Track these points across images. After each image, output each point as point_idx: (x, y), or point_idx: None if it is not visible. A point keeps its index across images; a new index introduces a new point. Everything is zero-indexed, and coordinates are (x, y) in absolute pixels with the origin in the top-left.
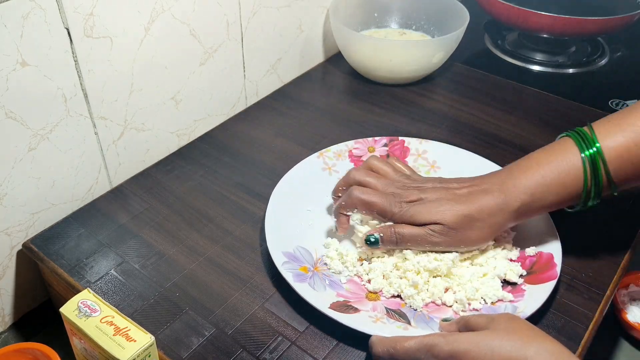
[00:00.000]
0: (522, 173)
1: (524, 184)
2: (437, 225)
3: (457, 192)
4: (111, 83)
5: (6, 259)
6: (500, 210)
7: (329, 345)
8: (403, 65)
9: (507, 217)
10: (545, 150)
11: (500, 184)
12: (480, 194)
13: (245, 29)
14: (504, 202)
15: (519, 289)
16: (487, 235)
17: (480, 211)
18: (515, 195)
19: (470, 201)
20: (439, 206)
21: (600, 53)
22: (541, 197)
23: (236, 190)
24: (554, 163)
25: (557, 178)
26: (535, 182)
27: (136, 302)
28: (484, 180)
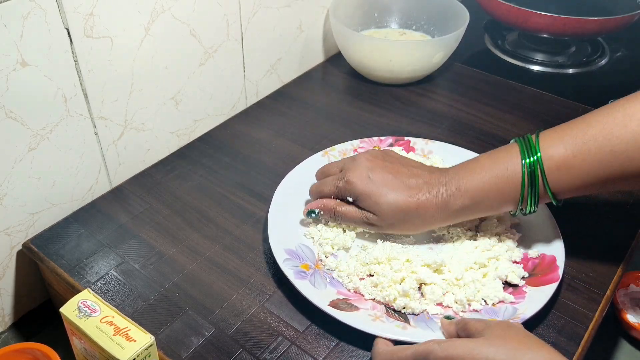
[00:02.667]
0: (467, 175)
1: (465, 187)
2: (374, 216)
3: (404, 182)
4: (111, 83)
5: (6, 259)
6: (438, 210)
7: (329, 345)
8: (403, 65)
9: (443, 216)
10: (492, 154)
11: (446, 182)
12: (425, 189)
13: (245, 29)
14: (444, 202)
15: (520, 291)
16: (419, 229)
17: (419, 208)
18: (455, 197)
19: (412, 194)
20: (381, 196)
21: (600, 53)
22: (479, 201)
23: (236, 190)
24: (496, 168)
25: (496, 184)
26: (476, 186)
27: (136, 302)
28: (433, 175)
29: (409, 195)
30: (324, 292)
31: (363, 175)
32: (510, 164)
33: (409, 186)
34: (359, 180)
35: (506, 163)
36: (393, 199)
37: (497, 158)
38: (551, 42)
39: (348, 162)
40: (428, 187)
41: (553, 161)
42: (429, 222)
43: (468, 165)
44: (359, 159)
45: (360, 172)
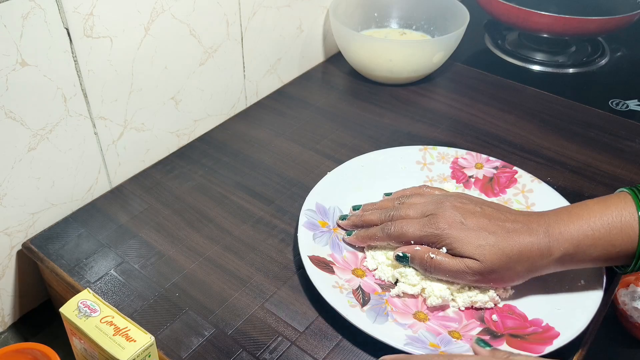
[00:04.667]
0: (571, 221)
1: (570, 233)
2: (475, 262)
3: (500, 225)
4: (111, 83)
5: (6, 259)
6: (541, 256)
7: (329, 345)
8: (403, 65)
9: (546, 263)
10: (600, 202)
11: (547, 226)
12: (525, 233)
13: (245, 29)
14: (547, 248)
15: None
16: (522, 278)
17: (521, 253)
18: (559, 243)
19: (513, 239)
20: (479, 239)
21: (600, 53)
22: (586, 250)
23: (236, 190)
24: (606, 217)
25: (607, 234)
26: (583, 233)
27: (136, 302)
28: (531, 219)
29: (511, 242)
30: (317, 247)
31: (456, 220)
32: (623, 213)
33: (508, 230)
34: (452, 226)
35: (619, 212)
36: (494, 242)
37: (606, 206)
38: (551, 42)
39: (431, 206)
40: (528, 232)
41: None
42: (532, 270)
43: (571, 210)
44: (445, 204)
45: (452, 217)
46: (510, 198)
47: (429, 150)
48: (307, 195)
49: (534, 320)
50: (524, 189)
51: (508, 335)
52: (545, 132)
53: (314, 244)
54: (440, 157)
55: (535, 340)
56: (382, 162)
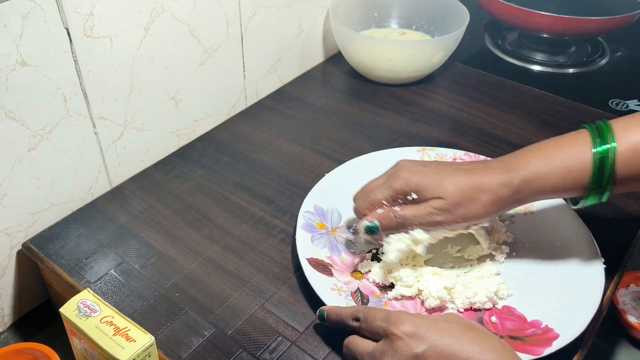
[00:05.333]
0: (529, 153)
1: (527, 162)
2: (439, 200)
3: (457, 166)
4: (111, 83)
5: (6, 259)
6: (502, 185)
7: (329, 346)
8: (403, 65)
9: (507, 193)
10: (558, 138)
11: (504, 161)
12: (483, 168)
13: (245, 29)
14: (506, 177)
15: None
16: (489, 210)
17: (482, 184)
18: (517, 172)
19: (471, 174)
20: (440, 179)
21: (600, 53)
22: (544, 177)
23: (236, 190)
24: (563, 149)
25: (563, 162)
26: (540, 162)
27: (136, 302)
28: (488, 160)
29: (470, 176)
30: (314, 249)
31: (414, 170)
32: (580, 146)
33: (466, 170)
34: (412, 174)
35: (576, 145)
36: (455, 178)
37: (564, 140)
38: (551, 42)
39: (392, 169)
40: (485, 168)
41: (630, 145)
42: (496, 201)
43: (530, 147)
44: (403, 162)
45: (412, 166)
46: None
47: (427, 151)
48: (304, 197)
49: (533, 321)
50: None
51: (507, 337)
52: (545, 132)
53: (312, 246)
54: (438, 158)
55: (534, 341)
56: (380, 163)
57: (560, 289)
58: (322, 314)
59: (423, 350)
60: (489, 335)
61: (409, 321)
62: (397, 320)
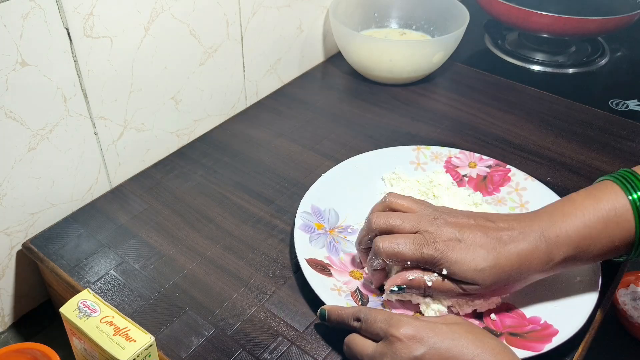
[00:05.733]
0: (565, 221)
1: (567, 235)
2: (473, 287)
3: (496, 237)
4: (111, 83)
5: (6, 259)
6: (540, 262)
7: (329, 345)
8: (403, 65)
9: (546, 269)
10: (590, 196)
11: (542, 230)
12: (521, 239)
13: (245, 29)
14: (546, 254)
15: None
16: (523, 284)
17: (521, 265)
18: (558, 247)
19: (510, 251)
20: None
21: (600, 53)
22: (586, 249)
23: (236, 190)
24: (600, 211)
25: (604, 229)
26: (581, 234)
27: (136, 302)
28: (524, 224)
29: (506, 251)
30: (313, 250)
31: (452, 238)
32: (618, 204)
33: (505, 242)
34: (450, 246)
35: (613, 203)
36: (493, 262)
37: (598, 199)
38: (551, 42)
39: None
40: (523, 238)
41: None
42: (528, 279)
43: (565, 209)
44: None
45: (449, 235)
46: (504, 196)
47: (422, 150)
48: (302, 198)
49: (532, 318)
50: (518, 187)
51: (507, 334)
52: (545, 132)
53: (310, 247)
54: (433, 156)
55: (534, 338)
56: (376, 162)
57: (558, 285)
58: (323, 313)
59: (422, 353)
60: (489, 337)
61: (409, 324)
62: (397, 323)
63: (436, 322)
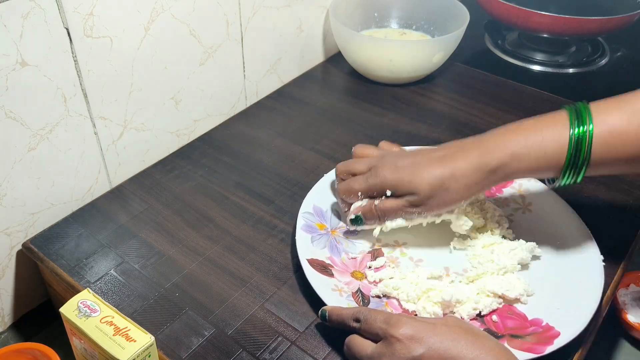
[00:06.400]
0: (505, 134)
1: (504, 144)
2: (413, 196)
3: (433, 155)
4: (111, 83)
5: (6, 259)
6: (476, 170)
7: (329, 345)
8: (403, 65)
9: (482, 176)
10: (536, 118)
11: (479, 142)
12: (457, 153)
13: (245, 29)
14: (480, 161)
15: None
16: (462, 196)
17: (454, 173)
18: (492, 154)
19: (444, 163)
20: (413, 174)
21: (600, 53)
22: (520, 158)
23: (236, 190)
24: (541, 130)
25: (540, 144)
26: (517, 143)
27: (136, 302)
28: (464, 141)
29: (442, 165)
30: (315, 250)
31: (391, 166)
32: (559, 124)
33: (440, 158)
34: (389, 171)
35: (554, 122)
36: (426, 172)
37: (541, 121)
38: (551, 42)
39: (375, 161)
40: (460, 152)
41: (606, 128)
42: (470, 187)
43: (507, 127)
44: (387, 155)
45: (388, 163)
46: (507, 198)
47: None
48: (304, 197)
49: (534, 320)
50: (520, 187)
51: (508, 335)
52: None
53: (312, 247)
54: None
55: (536, 340)
56: None
57: (561, 287)
58: (324, 314)
59: (421, 354)
60: (488, 339)
61: (408, 324)
62: (397, 323)
63: (436, 323)
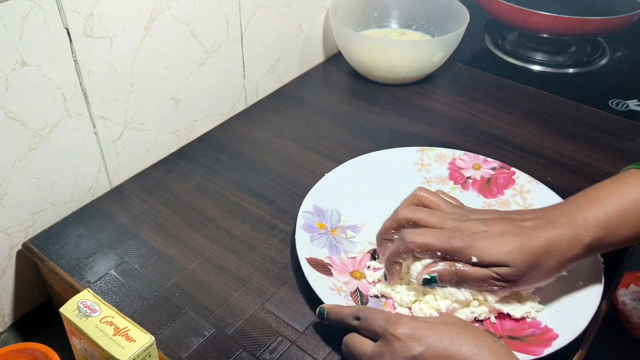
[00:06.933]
0: (592, 205)
1: (595, 217)
2: (504, 268)
3: (522, 225)
4: (111, 83)
5: (6, 259)
6: (570, 246)
7: (329, 345)
8: (403, 65)
9: (577, 252)
10: (615, 181)
11: (569, 215)
12: (548, 226)
13: (245, 29)
14: (574, 237)
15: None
16: (554, 273)
17: (549, 248)
18: (586, 229)
19: (537, 236)
20: (506, 244)
21: (600, 53)
22: (615, 231)
23: (236, 190)
24: (627, 194)
25: (632, 210)
26: (608, 214)
27: (136, 302)
28: (550, 212)
29: (535, 239)
30: (314, 249)
31: (479, 230)
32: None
33: (531, 228)
34: (477, 237)
35: (637, 186)
36: (520, 243)
37: (623, 183)
38: (551, 42)
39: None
40: (551, 225)
41: None
42: (563, 263)
43: (589, 195)
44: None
45: (475, 228)
46: (508, 199)
47: (426, 151)
48: (304, 197)
49: (532, 322)
50: (522, 189)
51: (506, 337)
52: (545, 132)
53: (311, 246)
54: (437, 158)
55: (533, 342)
56: (380, 163)
57: (560, 289)
58: (322, 311)
59: (420, 352)
60: (486, 336)
61: (408, 323)
62: (396, 322)
63: (434, 322)
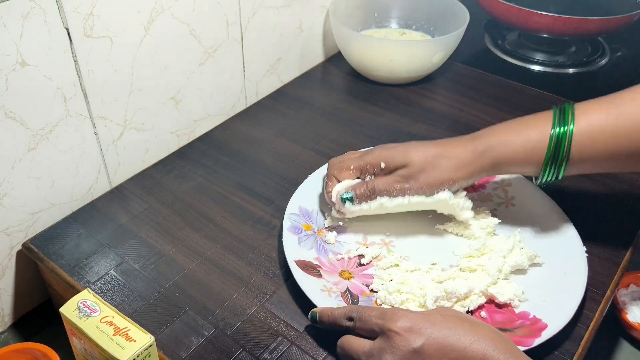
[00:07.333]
0: (496, 127)
1: (493, 131)
2: (404, 169)
3: (426, 141)
4: (111, 83)
5: (6, 259)
6: (465, 150)
7: (329, 346)
8: (403, 65)
9: (471, 157)
10: (525, 117)
11: (470, 137)
12: (450, 140)
13: (245, 29)
14: (471, 144)
15: None
16: (452, 176)
17: (446, 152)
18: (482, 139)
19: (438, 144)
20: (407, 150)
21: (600, 53)
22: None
23: (236, 190)
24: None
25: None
26: (505, 134)
27: (136, 302)
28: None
29: (436, 146)
30: (302, 251)
31: (388, 146)
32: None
33: (436, 142)
34: (384, 149)
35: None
36: (422, 148)
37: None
38: (551, 42)
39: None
40: (454, 140)
41: (587, 126)
42: (460, 165)
43: (498, 124)
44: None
45: (385, 145)
46: (489, 192)
47: None
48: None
49: (521, 313)
50: (503, 183)
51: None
52: None
53: (299, 248)
54: None
55: (524, 333)
56: None
57: (546, 280)
58: (314, 315)
59: (421, 344)
60: (483, 325)
61: (405, 316)
62: (393, 317)
63: (431, 314)
